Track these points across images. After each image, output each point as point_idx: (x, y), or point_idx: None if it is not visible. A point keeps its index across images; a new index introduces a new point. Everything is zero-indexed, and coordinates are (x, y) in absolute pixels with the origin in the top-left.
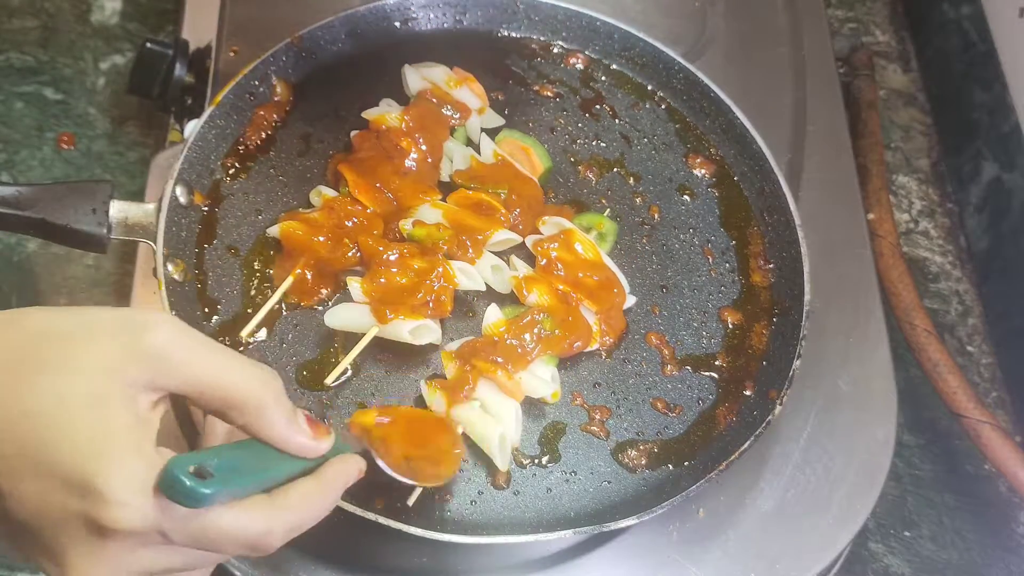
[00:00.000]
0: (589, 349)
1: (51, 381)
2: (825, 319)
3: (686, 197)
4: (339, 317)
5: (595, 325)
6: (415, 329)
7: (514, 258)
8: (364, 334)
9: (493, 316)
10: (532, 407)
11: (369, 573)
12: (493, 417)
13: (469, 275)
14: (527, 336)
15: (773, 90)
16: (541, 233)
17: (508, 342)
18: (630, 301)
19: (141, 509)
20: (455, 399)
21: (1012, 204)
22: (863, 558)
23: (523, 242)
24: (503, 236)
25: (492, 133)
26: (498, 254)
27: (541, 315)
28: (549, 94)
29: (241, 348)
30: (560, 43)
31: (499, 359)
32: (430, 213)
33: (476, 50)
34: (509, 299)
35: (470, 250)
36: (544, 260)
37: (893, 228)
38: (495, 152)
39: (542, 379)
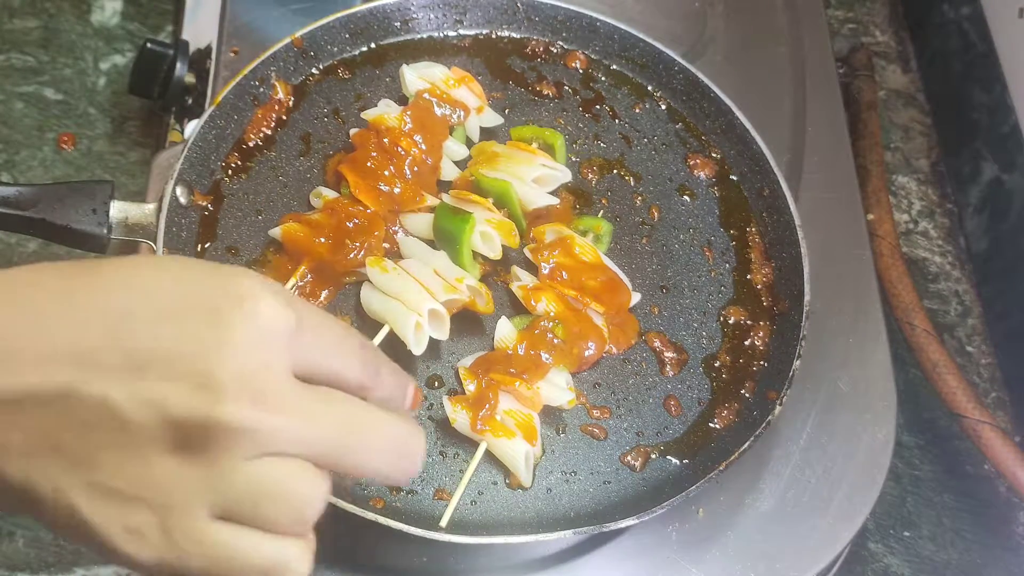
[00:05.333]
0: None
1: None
2: (825, 319)
3: (686, 197)
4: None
5: (604, 328)
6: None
7: (516, 268)
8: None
9: (505, 330)
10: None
11: (369, 573)
12: (517, 434)
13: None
14: (541, 345)
15: (773, 90)
16: (539, 241)
17: (523, 353)
18: (635, 298)
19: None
20: (479, 415)
21: (1012, 205)
22: (863, 558)
23: (524, 251)
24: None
25: (492, 132)
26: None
27: (552, 323)
28: (549, 94)
29: None
30: (560, 43)
31: (516, 371)
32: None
33: (476, 50)
34: (514, 306)
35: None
36: (546, 268)
37: (893, 228)
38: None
39: (559, 387)
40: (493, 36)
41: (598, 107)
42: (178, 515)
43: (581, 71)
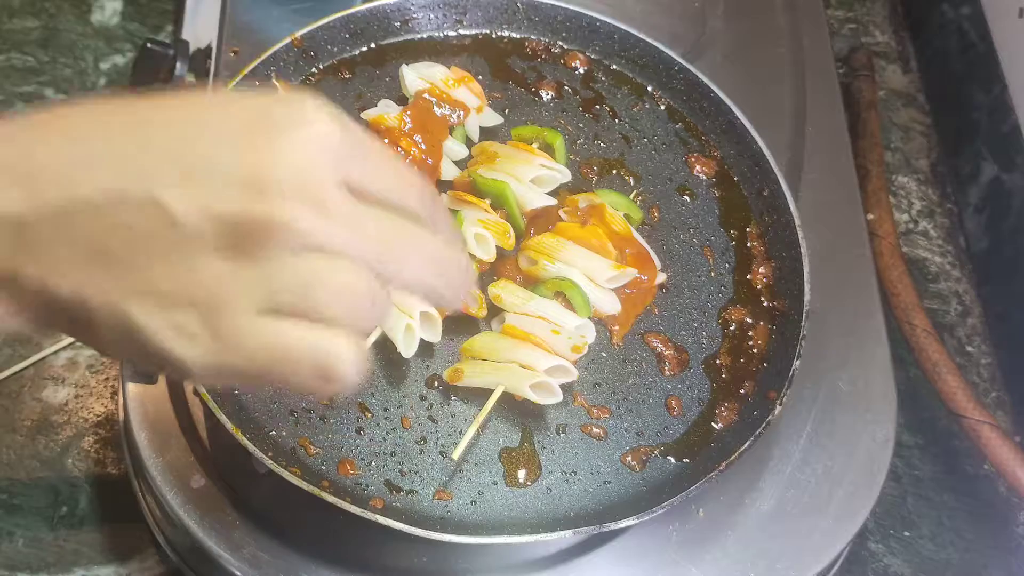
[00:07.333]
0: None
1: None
2: (825, 319)
3: (686, 197)
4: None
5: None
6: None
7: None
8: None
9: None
10: (531, 407)
11: (369, 573)
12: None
13: None
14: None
15: (773, 90)
16: (574, 207)
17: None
18: (660, 277)
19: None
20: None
21: (1012, 204)
22: (863, 558)
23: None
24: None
25: (492, 132)
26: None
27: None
28: (549, 94)
29: None
30: (560, 43)
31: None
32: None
33: (476, 50)
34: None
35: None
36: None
37: (893, 228)
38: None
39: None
40: (493, 36)
41: (598, 107)
42: (225, 312)
43: (581, 71)
